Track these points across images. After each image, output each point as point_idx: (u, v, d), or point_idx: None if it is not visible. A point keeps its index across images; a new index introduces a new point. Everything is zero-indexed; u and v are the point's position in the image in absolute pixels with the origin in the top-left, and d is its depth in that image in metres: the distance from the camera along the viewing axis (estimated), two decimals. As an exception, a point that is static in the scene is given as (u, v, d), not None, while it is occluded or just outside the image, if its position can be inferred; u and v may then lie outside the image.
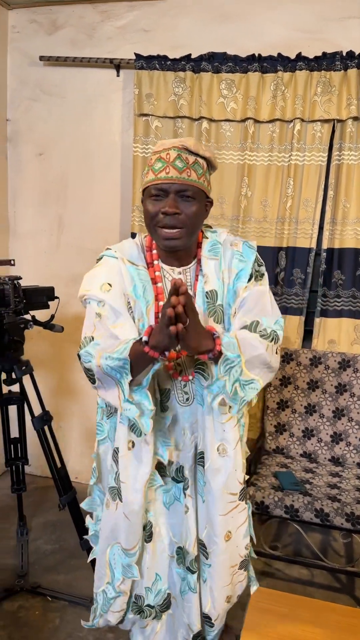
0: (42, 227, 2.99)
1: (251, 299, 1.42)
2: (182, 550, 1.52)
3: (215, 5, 2.58)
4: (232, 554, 1.55)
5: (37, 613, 2.07)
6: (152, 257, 1.45)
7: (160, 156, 1.32)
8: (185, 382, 1.43)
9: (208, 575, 1.54)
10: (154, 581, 1.54)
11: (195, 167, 1.32)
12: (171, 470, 1.51)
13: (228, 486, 1.45)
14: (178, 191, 1.31)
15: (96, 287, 1.40)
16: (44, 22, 2.82)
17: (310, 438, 2.56)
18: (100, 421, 1.56)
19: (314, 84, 2.44)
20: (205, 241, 1.47)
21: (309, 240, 2.57)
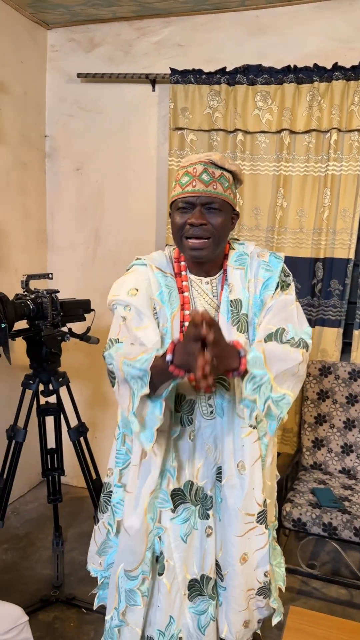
0: (79, 241, 3.04)
1: (277, 307, 1.41)
2: (198, 582, 1.44)
3: (249, 18, 2.59)
4: (249, 577, 1.47)
5: (72, 625, 2.08)
6: (180, 268, 1.47)
7: (187, 170, 1.35)
8: (209, 393, 1.35)
9: (223, 599, 1.48)
10: (167, 625, 1.44)
11: (221, 180, 1.34)
12: (191, 494, 1.44)
13: (245, 506, 1.40)
14: (204, 203, 1.33)
15: (124, 292, 1.41)
16: (82, 41, 2.89)
17: (350, 454, 2.50)
18: (119, 448, 1.55)
19: (351, 94, 2.40)
20: (232, 252, 1.48)
21: (347, 250, 2.53)
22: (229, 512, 1.40)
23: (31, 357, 2.02)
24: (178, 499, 1.42)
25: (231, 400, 1.38)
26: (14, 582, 2.31)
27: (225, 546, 1.43)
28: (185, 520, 1.42)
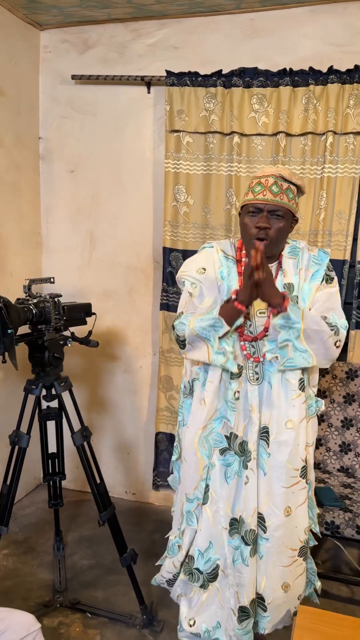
0: (75, 243, 3.03)
1: (323, 298, 1.65)
2: (237, 521, 1.66)
3: (244, 20, 2.60)
4: (291, 534, 1.66)
5: (78, 630, 2.07)
6: (241, 255, 1.73)
7: (260, 181, 1.62)
8: (257, 362, 1.64)
9: (265, 551, 1.64)
10: (207, 548, 1.70)
11: (287, 192, 1.61)
12: (235, 444, 1.66)
13: (291, 460, 1.62)
14: (271, 211, 1.59)
15: (194, 269, 1.71)
16: (76, 42, 2.87)
17: (348, 452, 2.53)
18: (181, 404, 1.80)
19: (346, 97, 2.43)
20: (287, 246, 1.73)
21: (342, 252, 2.56)
22: (277, 466, 1.62)
23: (33, 362, 2.00)
24: (224, 445, 1.68)
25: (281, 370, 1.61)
26: (16, 588, 2.30)
27: (271, 498, 1.63)
28: (229, 464, 1.67)
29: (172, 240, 2.74)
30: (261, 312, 1.65)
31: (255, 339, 1.65)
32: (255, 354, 1.65)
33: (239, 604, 1.66)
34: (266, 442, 1.64)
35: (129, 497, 3.14)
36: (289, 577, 1.68)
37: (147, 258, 2.91)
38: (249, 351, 1.65)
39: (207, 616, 1.73)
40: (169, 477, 1.98)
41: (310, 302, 1.65)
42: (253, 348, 1.65)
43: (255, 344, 1.65)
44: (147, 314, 2.95)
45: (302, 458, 1.65)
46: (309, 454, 1.72)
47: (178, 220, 2.73)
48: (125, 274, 2.96)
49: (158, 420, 2.89)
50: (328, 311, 1.62)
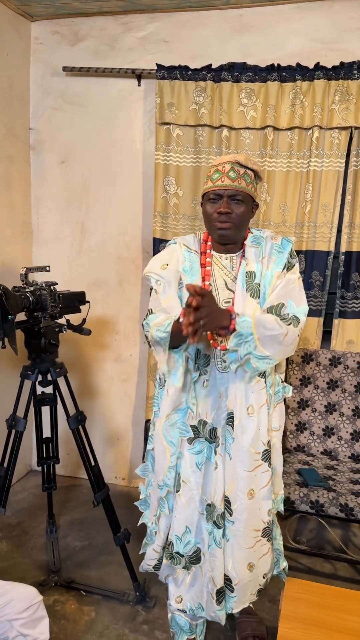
0: (65, 233, 3.07)
1: (282, 284, 1.68)
2: (210, 507, 1.71)
3: (233, 16, 2.66)
4: (255, 515, 1.72)
5: (73, 607, 2.14)
6: (206, 247, 1.78)
7: (218, 168, 1.67)
8: (223, 351, 1.67)
9: (231, 534, 1.70)
10: (184, 532, 1.76)
11: (244, 177, 1.66)
12: (205, 431, 1.72)
13: (253, 444, 1.68)
14: (230, 196, 1.65)
15: (157, 266, 1.77)
16: (67, 34, 2.90)
17: (331, 436, 2.63)
18: (156, 395, 1.85)
19: (332, 93, 2.51)
20: (250, 235, 1.78)
21: (327, 243, 2.65)
22: (240, 450, 1.67)
23: (30, 348, 2.05)
24: (196, 433, 1.73)
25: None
26: (11, 570, 2.36)
27: (235, 482, 1.69)
28: (199, 451, 1.73)
29: (162, 231, 2.80)
30: (226, 301, 1.71)
31: (224, 348, 1.67)
32: (222, 342, 1.67)
33: (215, 587, 1.72)
34: (231, 427, 1.68)
35: (118, 482, 3.22)
36: (254, 557, 1.74)
37: (137, 248, 2.97)
38: (216, 340, 1.68)
39: (191, 596, 1.81)
40: (139, 467, 2.01)
41: (272, 288, 1.68)
42: (219, 336, 1.67)
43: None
44: (136, 303, 3.02)
45: (263, 442, 1.70)
46: (275, 437, 1.78)
47: (168, 212, 2.79)
48: (116, 264, 3.01)
49: (148, 408, 2.96)
50: (285, 297, 1.65)
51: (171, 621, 1.91)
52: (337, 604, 1.67)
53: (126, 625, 2.05)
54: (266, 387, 1.71)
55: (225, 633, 2.03)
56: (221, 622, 1.76)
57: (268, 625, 2.02)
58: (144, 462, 1.96)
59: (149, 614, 2.12)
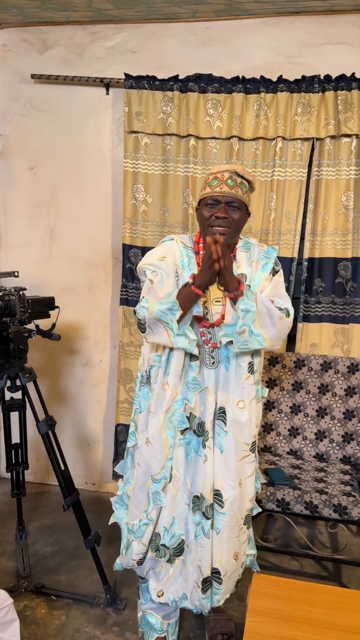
0: (34, 239, 3.08)
1: (270, 285, 1.80)
2: (198, 498, 1.77)
3: (199, 29, 2.73)
4: (242, 504, 1.81)
5: (43, 612, 2.15)
6: (199, 248, 1.84)
7: (216, 176, 1.76)
8: (214, 348, 1.76)
9: (222, 525, 1.76)
10: (171, 524, 1.81)
11: (241, 186, 1.76)
12: (193, 424, 1.78)
13: (244, 437, 1.77)
14: (228, 202, 1.73)
15: (154, 258, 1.81)
16: (35, 42, 2.92)
17: (296, 436, 2.71)
18: (137, 392, 1.90)
19: (294, 105, 2.61)
20: (240, 241, 1.88)
21: (291, 250, 2.74)
22: (231, 443, 1.76)
23: (-2, 353, 2.06)
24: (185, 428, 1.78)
25: (235, 354, 1.74)
26: (-20, 576, 2.34)
27: (227, 472, 1.77)
28: (188, 442, 1.79)
29: (132, 237, 2.84)
30: (217, 300, 1.78)
31: (212, 325, 1.77)
32: (212, 339, 1.76)
33: (202, 576, 1.78)
34: (223, 422, 1.76)
35: (89, 487, 3.23)
36: (238, 546, 1.83)
37: (107, 254, 3.00)
38: (207, 337, 1.77)
39: (175, 589, 1.85)
40: (117, 465, 2.05)
41: (260, 289, 1.79)
42: (210, 334, 1.76)
43: (212, 330, 1.77)
44: (106, 308, 3.04)
45: (253, 434, 1.80)
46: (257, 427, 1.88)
47: (137, 218, 2.84)
48: (85, 270, 3.03)
49: (118, 412, 2.98)
50: (275, 296, 1.76)
51: (141, 620, 1.94)
52: (304, 597, 1.72)
53: (97, 628, 2.07)
54: (255, 383, 1.81)
55: (194, 631, 2.07)
56: (204, 611, 1.85)
57: (237, 622, 2.07)
58: (115, 463, 2.00)
59: (119, 616, 2.14)
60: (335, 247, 2.70)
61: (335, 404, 2.67)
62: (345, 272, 2.71)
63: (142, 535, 1.84)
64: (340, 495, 2.23)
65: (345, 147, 2.61)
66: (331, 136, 2.60)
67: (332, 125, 2.57)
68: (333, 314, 2.77)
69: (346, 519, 2.19)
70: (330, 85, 2.56)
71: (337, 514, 2.18)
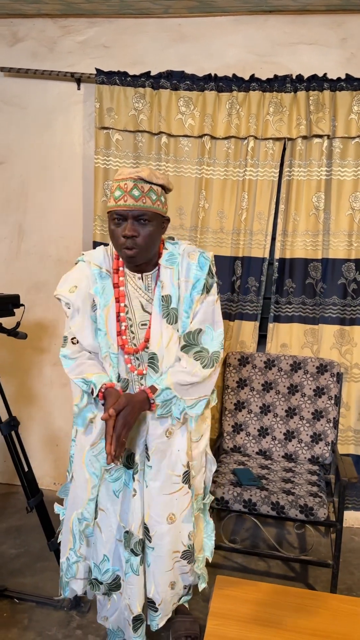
0: (2, 235, 3.02)
1: (202, 311, 1.66)
2: (128, 534, 1.65)
3: (172, 25, 2.71)
4: (175, 538, 1.70)
5: (5, 615, 2.11)
6: (118, 264, 1.67)
7: (119, 185, 1.53)
8: (140, 375, 1.64)
9: (152, 560, 1.68)
10: (102, 560, 1.71)
11: (149, 194, 1.53)
12: (123, 457, 1.66)
13: (171, 467, 1.65)
14: (135, 217, 1.52)
15: (66, 289, 1.64)
16: (5, 34, 2.86)
17: (265, 437, 2.71)
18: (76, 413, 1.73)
19: (267, 104, 2.60)
20: (165, 252, 1.67)
21: (262, 250, 2.73)
22: (158, 474, 1.64)
23: None
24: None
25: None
26: None
27: (154, 507, 1.65)
28: (117, 479, 1.66)
29: (102, 235, 2.81)
30: (143, 323, 1.65)
31: (137, 350, 1.63)
32: (139, 366, 1.63)
33: (132, 614, 1.68)
34: (147, 455, 1.64)
35: (57, 488, 3.17)
36: (174, 576, 1.74)
37: (78, 251, 2.96)
38: (134, 364, 1.63)
39: (113, 619, 1.79)
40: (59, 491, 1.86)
41: (193, 314, 1.65)
42: (137, 360, 1.63)
43: (139, 355, 1.63)
44: (76, 307, 3.00)
45: (183, 464, 1.67)
46: (197, 449, 1.74)
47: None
48: (56, 267, 2.99)
49: (87, 411, 2.94)
50: (204, 322, 1.65)
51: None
52: (268, 599, 1.70)
53: (60, 631, 2.04)
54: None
55: (159, 633, 2.05)
56: None
57: (202, 624, 2.05)
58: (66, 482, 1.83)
59: (82, 619, 2.11)
60: (305, 248, 2.71)
61: (304, 404, 2.68)
62: (315, 273, 2.71)
63: (74, 575, 1.75)
64: (307, 496, 2.24)
65: (316, 147, 2.62)
66: (303, 136, 2.60)
67: (304, 126, 2.57)
68: (303, 315, 2.77)
69: (312, 520, 2.19)
70: (302, 85, 2.56)
71: (304, 515, 2.19)
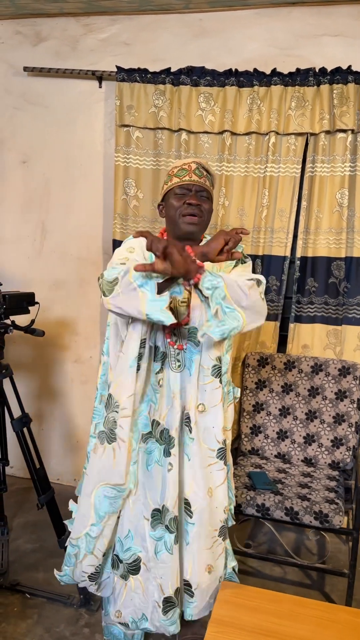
0: (26, 233, 3.06)
1: (236, 271, 1.69)
2: (159, 512, 1.66)
3: (193, 20, 2.67)
4: (213, 514, 1.71)
5: (16, 610, 2.13)
6: None
7: (183, 167, 1.69)
8: (179, 350, 1.68)
9: (191, 537, 1.68)
10: (126, 536, 1.71)
11: (207, 177, 1.71)
12: (157, 432, 1.68)
13: (207, 441, 1.69)
14: (198, 191, 1.67)
15: (123, 251, 1.68)
16: (29, 34, 2.89)
17: (284, 439, 2.65)
18: (98, 406, 1.80)
19: (289, 99, 2.53)
20: (204, 238, 1.79)
21: (283, 248, 2.67)
22: (196, 449, 1.67)
23: (-27, 349, 2.05)
24: (148, 435, 1.69)
25: (199, 355, 1.66)
26: None
27: (195, 481, 1.67)
28: (150, 452, 1.68)
29: (122, 233, 2.80)
30: (182, 301, 1.67)
31: (179, 324, 1.65)
32: (177, 342, 1.68)
33: (163, 595, 1.66)
34: (188, 428, 1.67)
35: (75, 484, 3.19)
36: (212, 559, 1.72)
37: (97, 249, 2.97)
38: (172, 339, 1.68)
39: (133, 609, 1.74)
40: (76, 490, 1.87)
41: None
42: (175, 336, 1.68)
43: (178, 331, 1.68)
44: (97, 304, 3.01)
45: (218, 440, 1.70)
46: (228, 437, 1.78)
47: (128, 214, 2.79)
48: (76, 265, 3.00)
49: (106, 409, 2.95)
50: (242, 275, 1.63)
51: (105, 630, 1.89)
52: (271, 608, 1.66)
53: (67, 628, 2.04)
54: (221, 386, 1.72)
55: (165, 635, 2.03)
56: (167, 633, 1.71)
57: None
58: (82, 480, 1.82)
59: (91, 617, 2.11)
60: (329, 246, 2.62)
61: (325, 407, 2.60)
62: (338, 272, 2.63)
63: (91, 550, 1.70)
64: (323, 502, 2.17)
65: (340, 142, 2.53)
66: (326, 131, 2.51)
67: (327, 120, 2.49)
68: (326, 315, 2.69)
69: (327, 527, 2.12)
70: (325, 78, 2.47)
71: (318, 522, 2.12)
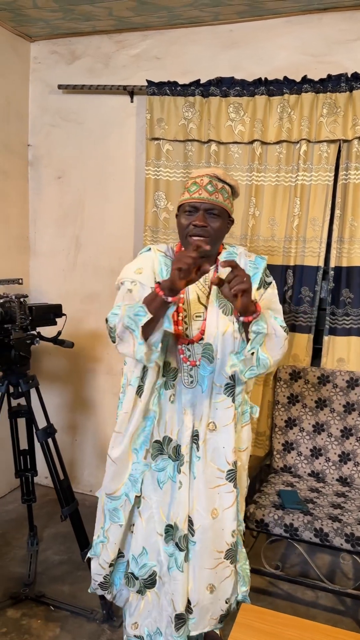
0: (61, 247, 3.12)
1: (265, 300, 1.66)
2: (171, 528, 1.65)
3: (222, 32, 2.66)
4: (217, 536, 1.67)
5: (39, 622, 2.13)
6: None
7: (196, 180, 1.64)
8: (192, 366, 1.65)
9: (193, 554, 1.65)
10: (140, 554, 1.71)
11: (222, 191, 1.63)
12: (169, 448, 1.68)
13: (215, 460, 1.65)
14: (207, 209, 1.61)
15: (131, 271, 1.69)
16: (64, 53, 2.97)
17: (319, 457, 2.54)
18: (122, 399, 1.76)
19: (320, 106, 2.47)
20: (224, 251, 1.75)
21: (316, 258, 2.58)
22: (203, 469, 1.64)
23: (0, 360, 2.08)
24: (157, 450, 1.69)
25: (212, 372, 1.63)
26: (-14, 580, 2.37)
27: (198, 500, 1.65)
28: (162, 469, 1.68)
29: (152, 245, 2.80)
30: (198, 315, 1.66)
31: (192, 341, 1.65)
32: (191, 357, 1.65)
33: (175, 611, 1.65)
34: (196, 445, 1.65)
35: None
36: (215, 579, 1.68)
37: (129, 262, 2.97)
38: (186, 354, 1.65)
39: (149, 622, 1.74)
40: None
41: None
42: (189, 351, 1.65)
43: (192, 347, 1.65)
44: (128, 317, 3.01)
45: (228, 461, 1.66)
46: (240, 459, 1.73)
47: (158, 226, 2.79)
48: (108, 278, 3.03)
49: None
50: (275, 313, 1.62)
51: None
52: (291, 634, 1.57)
53: (89, 644, 2.02)
54: (234, 406, 1.68)
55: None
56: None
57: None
58: None
59: (113, 634, 2.08)
60: (364, 256, 2.52)
61: (361, 424, 2.48)
62: (375, 282, 2.52)
63: (98, 554, 1.76)
64: (355, 524, 2.06)
65: (375, 148, 2.44)
66: (359, 138, 2.43)
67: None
68: (362, 327, 2.58)
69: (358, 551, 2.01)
70: (358, 83, 2.40)
71: (350, 545, 2.01)
